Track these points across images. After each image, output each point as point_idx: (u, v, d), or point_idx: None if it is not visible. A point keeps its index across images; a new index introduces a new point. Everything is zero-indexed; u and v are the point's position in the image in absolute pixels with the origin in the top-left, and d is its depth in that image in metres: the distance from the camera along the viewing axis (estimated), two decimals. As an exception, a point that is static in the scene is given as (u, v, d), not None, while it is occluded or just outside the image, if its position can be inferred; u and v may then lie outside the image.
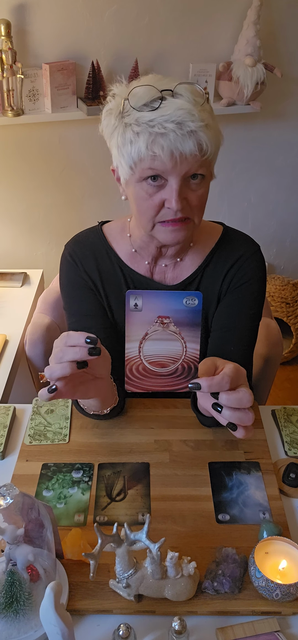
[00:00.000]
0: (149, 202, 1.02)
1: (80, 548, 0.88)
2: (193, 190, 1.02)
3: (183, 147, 0.95)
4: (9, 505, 0.78)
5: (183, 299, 0.78)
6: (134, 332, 0.80)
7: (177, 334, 0.80)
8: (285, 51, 2.47)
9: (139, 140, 0.97)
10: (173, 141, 0.95)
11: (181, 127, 0.95)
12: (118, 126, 1.01)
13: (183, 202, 1.01)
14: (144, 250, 1.17)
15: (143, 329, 0.79)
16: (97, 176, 2.47)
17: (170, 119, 0.95)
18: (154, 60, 2.32)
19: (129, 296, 0.78)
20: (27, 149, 2.35)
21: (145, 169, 0.99)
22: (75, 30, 2.20)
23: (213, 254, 1.20)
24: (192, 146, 0.96)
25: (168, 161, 0.96)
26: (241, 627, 0.81)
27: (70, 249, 1.22)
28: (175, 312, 0.79)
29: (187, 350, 0.81)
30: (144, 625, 0.82)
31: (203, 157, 0.98)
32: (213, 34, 2.36)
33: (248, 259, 1.18)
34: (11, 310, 1.76)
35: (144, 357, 0.81)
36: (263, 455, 1.09)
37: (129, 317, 0.79)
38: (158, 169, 0.98)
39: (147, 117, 0.96)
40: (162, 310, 0.79)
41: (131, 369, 0.82)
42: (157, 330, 0.80)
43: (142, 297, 0.78)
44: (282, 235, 2.89)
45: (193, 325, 0.79)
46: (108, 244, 1.21)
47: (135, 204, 1.06)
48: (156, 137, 0.96)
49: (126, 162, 1.01)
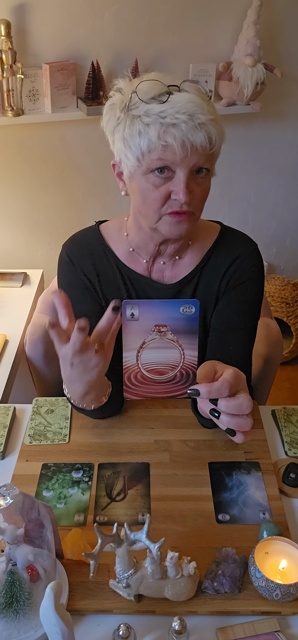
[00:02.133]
0: (155, 194, 1.02)
1: (80, 548, 0.88)
2: (198, 184, 1.03)
3: (194, 139, 0.97)
4: (9, 505, 0.78)
5: (180, 307, 0.78)
6: (131, 341, 0.80)
7: (174, 341, 0.80)
8: (285, 51, 2.47)
9: (150, 130, 0.98)
10: (185, 131, 0.97)
11: (192, 118, 0.97)
12: (124, 119, 1.02)
13: (190, 195, 1.01)
14: (142, 249, 1.17)
15: (140, 338, 0.79)
16: (97, 176, 2.47)
17: (181, 110, 0.97)
18: (154, 60, 2.32)
19: (125, 306, 0.78)
20: (27, 149, 2.35)
21: (154, 159, 1.00)
22: (75, 30, 2.20)
23: (211, 253, 1.20)
24: (202, 138, 0.97)
25: (179, 151, 0.98)
26: (241, 627, 0.81)
27: (68, 249, 1.22)
28: (172, 320, 0.78)
29: (185, 357, 0.81)
30: (144, 625, 0.82)
31: (211, 151, 1.00)
32: (213, 34, 2.35)
33: (246, 257, 1.18)
34: (11, 310, 1.76)
35: (142, 365, 0.81)
36: (263, 455, 1.09)
37: (126, 327, 0.79)
38: (167, 159, 0.99)
39: (157, 108, 0.98)
40: (159, 319, 0.78)
41: (129, 377, 0.82)
42: (155, 338, 0.79)
43: (138, 307, 0.78)
44: (282, 235, 2.89)
45: (190, 333, 0.79)
46: (105, 243, 1.21)
47: (140, 196, 1.06)
48: (168, 127, 0.97)
49: (133, 154, 1.02)
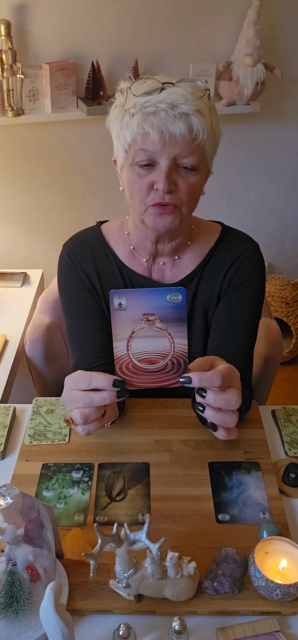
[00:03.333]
0: (139, 184, 1.04)
1: (80, 548, 0.88)
2: (183, 177, 1.03)
3: (174, 128, 0.98)
4: (9, 505, 0.78)
5: (166, 295, 0.79)
6: (121, 331, 0.80)
7: (163, 330, 0.80)
8: (285, 51, 2.47)
9: (133, 121, 1.00)
10: (163, 120, 0.97)
11: (173, 108, 0.98)
12: (119, 115, 1.05)
13: (171, 186, 1.02)
14: (141, 248, 1.18)
15: (129, 327, 0.80)
16: (97, 176, 2.47)
17: (164, 100, 0.98)
18: (154, 60, 2.32)
19: (113, 296, 0.78)
20: (27, 149, 2.35)
21: (137, 150, 1.01)
22: (75, 30, 2.20)
23: (212, 253, 1.20)
24: (182, 128, 0.98)
25: (157, 140, 0.98)
26: (241, 627, 0.81)
27: (68, 249, 1.22)
28: (159, 308, 0.79)
29: (175, 345, 0.81)
30: (144, 625, 0.82)
31: (194, 142, 1.00)
32: (213, 34, 2.36)
33: (247, 258, 1.18)
34: (11, 310, 1.76)
35: (132, 355, 0.81)
36: (263, 455, 1.09)
37: (114, 317, 0.79)
38: (148, 149, 1.00)
39: (143, 100, 0.99)
40: (146, 308, 0.79)
41: (121, 368, 0.82)
42: (143, 327, 0.80)
43: (125, 296, 0.79)
44: (282, 235, 2.89)
45: (178, 321, 0.80)
46: (106, 243, 1.21)
47: (128, 188, 1.07)
48: (148, 116, 0.98)
49: (122, 146, 1.04)
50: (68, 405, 0.91)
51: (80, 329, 1.18)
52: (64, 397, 0.92)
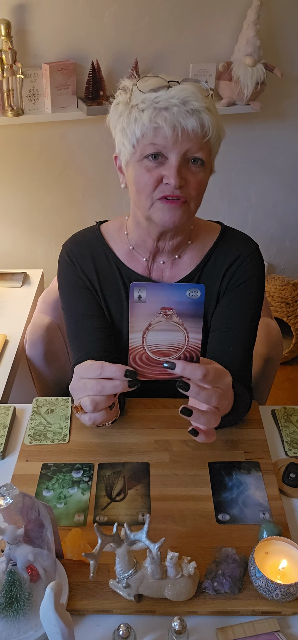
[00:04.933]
0: (147, 177, 1.04)
1: (80, 548, 0.88)
2: (192, 172, 1.04)
3: (186, 123, 0.99)
4: (9, 505, 0.78)
5: (186, 291, 0.80)
6: (138, 322, 0.81)
7: (179, 324, 0.81)
8: (285, 51, 2.47)
9: (143, 115, 1.00)
10: (176, 115, 0.98)
11: (185, 104, 0.99)
12: (124, 111, 1.05)
13: (181, 181, 1.02)
14: (141, 247, 1.18)
15: (146, 319, 0.81)
16: (97, 176, 2.47)
17: (176, 96, 0.99)
18: (154, 60, 2.32)
19: (133, 288, 0.79)
20: (27, 149, 2.35)
21: (146, 145, 1.02)
22: (75, 30, 2.20)
23: (211, 253, 1.20)
24: (194, 123, 0.99)
25: (170, 134, 0.99)
26: (241, 627, 0.81)
27: (68, 249, 1.22)
28: (178, 304, 0.80)
29: (189, 340, 0.82)
30: (143, 625, 0.82)
31: (204, 139, 1.01)
32: (213, 34, 2.36)
33: (246, 257, 1.18)
34: (11, 310, 1.76)
35: (147, 346, 0.82)
36: (263, 455, 1.09)
37: (133, 309, 0.80)
38: (159, 144, 1.01)
39: (153, 96, 1.00)
40: (165, 302, 0.80)
41: (134, 358, 0.83)
42: (161, 321, 0.81)
43: (145, 290, 0.79)
44: (282, 235, 2.89)
45: (195, 317, 0.81)
46: (106, 243, 1.21)
47: (134, 182, 1.07)
48: (160, 111, 0.99)
49: (129, 141, 1.04)
50: (77, 393, 0.91)
51: (80, 328, 1.18)
52: (73, 385, 0.92)
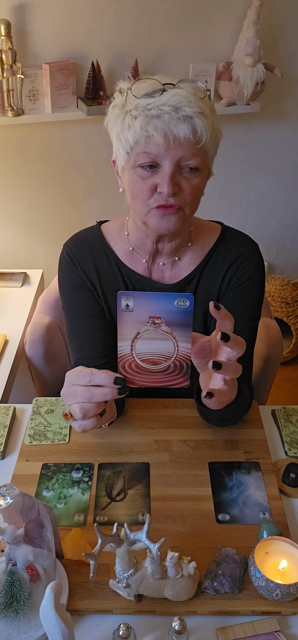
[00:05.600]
0: (141, 186, 1.03)
1: (80, 548, 0.88)
2: (186, 179, 1.03)
3: (178, 130, 0.97)
4: (9, 505, 0.78)
5: (174, 300, 0.79)
6: (126, 331, 0.81)
7: (168, 333, 0.81)
8: (285, 51, 2.47)
9: (136, 123, 0.99)
10: (167, 122, 0.97)
11: (177, 111, 0.97)
12: (119, 116, 1.04)
13: (175, 188, 1.01)
14: (141, 248, 1.18)
15: (135, 328, 0.80)
16: (97, 176, 2.47)
17: (167, 103, 0.97)
18: (154, 60, 2.32)
19: (120, 297, 0.79)
20: (27, 149, 2.35)
21: (140, 153, 1.01)
22: (75, 30, 2.20)
23: (212, 253, 1.20)
24: (186, 130, 0.97)
25: (161, 143, 0.98)
26: (241, 627, 0.81)
27: (69, 249, 1.22)
28: (166, 312, 0.79)
29: (178, 349, 0.82)
30: (144, 625, 0.82)
31: (198, 145, 1.00)
32: (213, 34, 2.35)
33: (247, 258, 1.18)
34: (11, 310, 1.76)
35: (136, 355, 0.82)
36: (263, 455, 1.09)
37: (121, 317, 0.80)
38: (152, 152, 1.00)
39: (145, 102, 0.99)
40: (153, 311, 0.80)
41: (124, 366, 0.83)
42: (149, 329, 0.80)
43: (133, 298, 0.79)
44: (282, 235, 2.89)
45: (184, 326, 0.80)
46: (106, 243, 1.21)
47: (130, 189, 1.07)
48: (151, 118, 0.98)
49: (123, 148, 1.04)
50: (68, 400, 0.90)
51: (80, 328, 1.18)
52: (64, 391, 0.91)
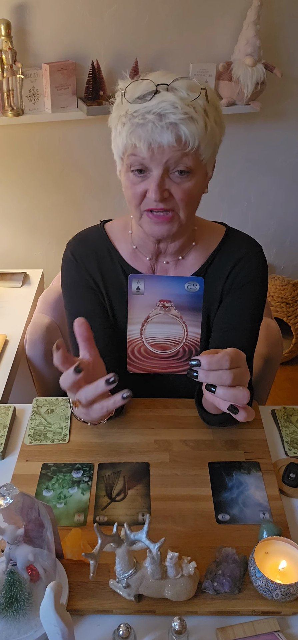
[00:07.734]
0: (132, 191, 1.04)
1: (80, 548, 0.88)
2: (177, 183, 1.02)
3: (161, 139, 0.97)
4: (9, 505, 0.78)
5: (184, 284, 0.79)
6: (136, 314, 0.81)
7: (178, 317, 0.81)
8: (285, 51, 2.47)
9: (123, 131, 1.00)
10: (150, 132, 0.97)
11: (161, 118, 0.96)
12: (114, 120, 1.05)
13: (164, 193, 1.01)
14: (143, 247, 1.18)
15: (145, 312, 0.81)
16: (97, 176, 2.47)
17: (152, 110, 0.96)
18: (154, 60, 2.32)
19: (132, 279, 0.79)
20: (27, 149, 2.35)
21: (130, 156, 1.02)
22: (75, 30, 2.20)
23: (216, 254, 1.20)
24: (169, 138, 0.96)
25: (146, 152, 0.98)
26: (241, 627, 0.81)
27: (72, 248, 1.22)
28: (176, 296, 0.80)
29: (188, 333, 0.82)
30: (144, 625, 0.82)
31: (184, 150, 0.99)
32: (213, 34, 2.35)
33: (251, 259, 1.18)
34: (11, 310, 1.76)
35: (145, 339, 0.82)
36: (263, 455, 1.09)
37: (131, 300, 0.80)
38: (140, 157, 1.00)
39: (133, 108, 0.99)
40: (163, 295, 0.80)
41: (133, 351, 0.83)
42: (159, 313, 0.81)
43: (144, 281, 0.79)
44: (282, 235, 2.89)
45: (194, 310, 0.80)
46: (110, 242, 1.21)
47: (125, 192, 1.09)
48: (136, 127, 0.98)
49: (117, 153, 1.06)
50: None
51: None
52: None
